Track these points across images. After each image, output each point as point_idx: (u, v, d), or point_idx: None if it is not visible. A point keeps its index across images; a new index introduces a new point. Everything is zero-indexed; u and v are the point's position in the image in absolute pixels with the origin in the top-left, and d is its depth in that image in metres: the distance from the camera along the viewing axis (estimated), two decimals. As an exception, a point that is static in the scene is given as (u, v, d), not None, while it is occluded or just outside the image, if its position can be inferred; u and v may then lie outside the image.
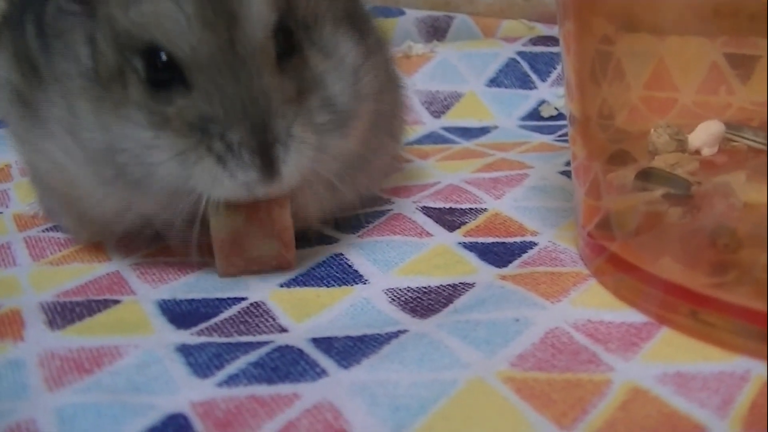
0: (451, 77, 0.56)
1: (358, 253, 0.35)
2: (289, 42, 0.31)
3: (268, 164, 0.29)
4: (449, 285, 0.31)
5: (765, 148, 0.39)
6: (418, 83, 0.55)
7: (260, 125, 0.29)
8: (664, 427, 0.23)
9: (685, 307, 0.27)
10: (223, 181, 0.29)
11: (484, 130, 0.51)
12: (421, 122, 0.53)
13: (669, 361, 0.26)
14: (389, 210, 0.39)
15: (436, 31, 0.66)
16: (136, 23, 0.30)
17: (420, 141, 0.50)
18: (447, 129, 0.52)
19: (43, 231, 0.40)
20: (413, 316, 0.29)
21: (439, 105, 0.54)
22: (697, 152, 0.39)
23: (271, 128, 0.29)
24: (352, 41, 0.34)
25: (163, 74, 0.30)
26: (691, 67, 0.51)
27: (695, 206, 0.33)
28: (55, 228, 0.40)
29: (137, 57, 0.30)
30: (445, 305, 0.30)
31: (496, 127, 0.52)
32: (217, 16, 0.29)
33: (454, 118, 0.53)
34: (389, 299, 0.31)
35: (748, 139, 0.40)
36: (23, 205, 0.44)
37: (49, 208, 0.40)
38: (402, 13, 0.67)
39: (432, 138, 0.50)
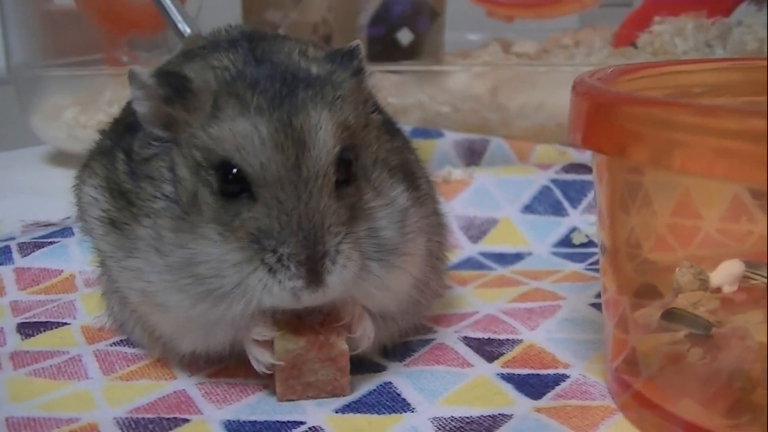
0: (487, 203, 0.59)
1: (405, 381, 0.38)
2: (348, 172, 0.36)
3: (314, 275, 0.33)
4: (489, 416, 0.35)
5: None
6: (456, 208, 0.59)
7: (311, 240, 0.33)
8: None
9: None
10: (272, 289, 0.33)
11: (518, 257, 0.55)
12: (459, 247, 0.56)
13: None
14: (433, 339, 0.42)
15: (473, 154, 0.70)
16: (214, 139, 0.34)
17: (459, 266, 0.53)
18: (484, 254, 0.55)
19: (111, 345, 0.44)
20: None
21: (476, 230, 0.58)
22: (719, 290, 0.42)
23: (321, 242, 0.33)
24: (403, 188, 0.38)
25: (233, 187, 0.34)
26: (714, 197, 0.54)
27: (715, 347, 0.36)
28: (122, 342, 0.44)
29: (212, 171, 0.34)
30: None
31: (530, 254, 0.55)
32: (288, 140, 0.34)
33: (490, 244, 0.56)
34: (435, 428, 0.34)
35: (766, 277, 0.44)
36: (90, 317, 0.47)
37: (121, 321, 0.43)
38: (441, 135, 0.71)
39: (470, 263, 0.54)
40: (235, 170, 0.34)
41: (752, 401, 0.32)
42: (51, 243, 0.57)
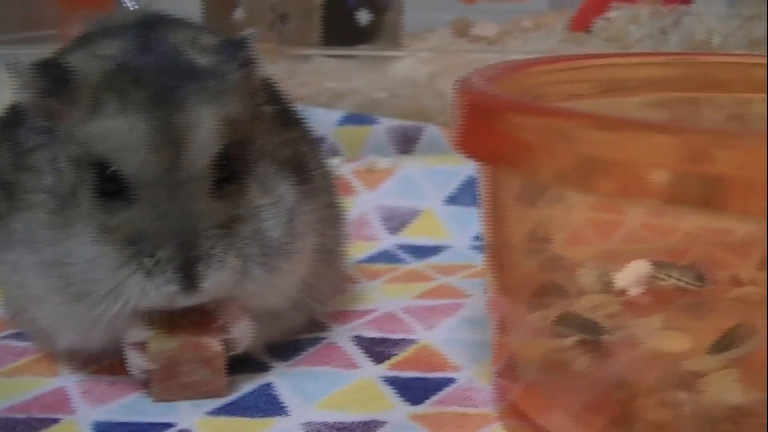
0: (412, 193, 0.58)
1: (286, 383, 0.37)
2: (230, 170, 0.34)
3: (189, 279, 0.32)
4: (362, 422, 0.34)
5: (690, 287, 0.42)
6: (379, 198, 0.58)
7: (186, 244, 0.32)
8: None
9: None
10: (149, 293, 0.33)
11: (436, 250, 0.54)
12: (377, 239, 0.55)
13: None
14: (325, 338, 0.41)
15: (407, 141, 0.68)
16: (92, 136, 0.33)
17: (373, 259, 0.52)
18: (401, 247, 0.54)
19: (2, 338, 0.43)
20: None
21: (396, 222, 0.57)
22: (624, 292, 0.41)
23: (196, 247, 0.32)
24: (292, 183, 0.37)
25: (110, 185, 0.33)
26: None
27: (604, 354, 0.35)
28: (16, 335, 0.43)
29: (90, 168, 0.33)
30: None
31: (449, 247, 0.54)
32: (165, 141, 0.33)
33: (410, 235, 0.55)
34: None
35: (675, 278, 0.43)
36: None
37: (12, 313, 0.42)
38: (375, 121, 0.70)
39: (385, 256, 0.53)
40: (111, 170, 0.33)
41: (631, 413, 0.31)
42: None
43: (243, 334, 0.36)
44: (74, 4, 1.13)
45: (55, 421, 0.35)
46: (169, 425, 0.34)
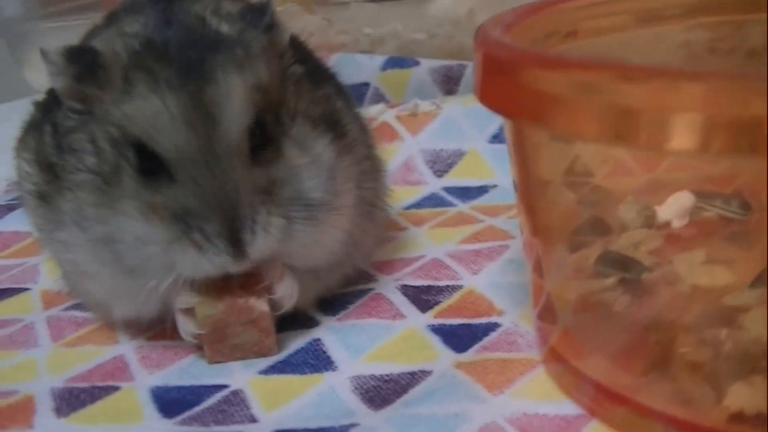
0: (455, 134, 0.58)
1: (334, 337, 0.38)
2: (265, 135, 0.35)
3: (238, 248, 0.33)
4: (408, 373, 0.34)
5: (735, 216, 0.41)
6: (423, 142, 0.58)
7: (231, 214, 0.33)
8: None
9: (611, 405, 0.30)
10: (202, 265, 0.34)
11: (483, 190, 0.54)
12: (424, 182, 0.55)
13: None
14: (371, 289, 0.42)
15: (450, 80, 0.68)
16: (125, 118, 0.34)
17: (420, 204, 0.53)
18: (448, 189, 0.54)
19: (64, 310, 0.44)
20: (369, 407, 0.33)
21: (442, 164, 0.57)
22: (668, 225, 0.41)
23: (240, 216, 0.33)
24: (328, 139, 0.37)
25: (150, 164, 0.34)
26: None
27: (644, 293, 0.35)
28: (75, 306, 0.44)
29: (130, 148, 0.34)
30: (400, 395, 0.33)
31: (495, 186, 0.54)
32: (199, 117, 0.33)
33: (456, 177, 0.55)
34: (353, 388, 0.34)
35: (719, 208, 0.42)
36: (50, 280, 0.48)
37: (70, 287, 0.44)
38: (417, 63, 0.69)
39: (432, 200, 0.53)
40: (149, 150, 0.34)
41: (670, 355, 0.31)
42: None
43: (288, 293, 0.37)
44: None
45: (116, 388, 0.37)
46: (223, 386, 0.35)
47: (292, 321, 0.39)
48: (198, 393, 0.35)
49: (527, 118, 0.28)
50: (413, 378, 0.34)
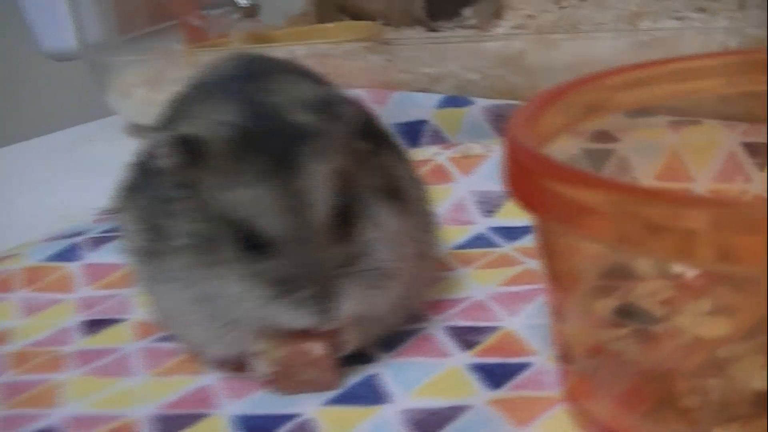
0: (504, 176, 0.64)
1: (389, 372, 0.44)
2: (345, 216, 0.42)
3: (325, 312, 0.40)
4: (450, 407, 0.40)
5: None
6: (473, 183, 0.64)
7: (320, 284, 0.40)
8: None
9: None
10: (297, 323, 0.41)
11: (525, 230, 0.59)
12: (472, 222, 0.61)
13: None
14: (423, 329, 0.48)
15: (501, 119, 0.74)
16: (229, 201, 0.41)
17: (468, 244, 0.58)
18: (494, 229, 0.60)
19: (155, 341, 0.51)
20: None
21: (490, 204, 0.62)
22: (681, 275, 0.46)
23: (327, 286, 0.40)
24: (391, 209, 0.44)
25: (250, 241, 0.41)
26: (707, 156, 0.58)
27: (654, 342, 0.40)
28: (165, 338, 0.51)
29: (233, 227, 0.41)
30: (442, 427, 0.39)
31: (538, 227, 0.60)
32: (292, 203, 0.40)
33: (502, 217, 0.61)
34: (402, 420, 0.40)
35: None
36: (142, 312, 0.55)
37: (163, 323, 0.51)
38: (471, 102, 0.75)
39: (479, 241, 0.59)
40: (249, 230, 0.41)
41: (667, 400, 0.36)
42: (116, 237, 0.64)
43: (350, 338, 0.43)
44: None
45: (205, 415, 0.43)
46: (296, 415, 0.42)
47: (354, 357, 0.45)
48: (275, 420, 0.42)
49: (552, 220, 0.34)
50: (454, 412, 0.40)
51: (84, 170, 0.97)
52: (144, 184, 0.46)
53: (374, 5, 1.07)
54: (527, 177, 0.34)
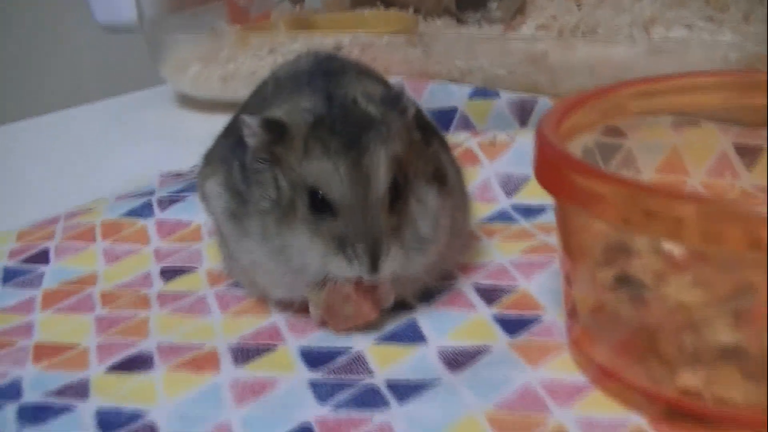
0: (525, 162, 0.72)
1: (426, 320, 0.53)
2: (397, 191, 0.51)
3: (374, 265, 0.50)
4: (476, 347, 0.50)
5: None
6: (499, 167, 0.72)
7: (373, 243, 0.49)
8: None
9: (608, 380, 0.45)
10: (347, 272, 0.50)
11: (541, 210, 0.68)
12: (496, 201, 0.70)
13: (587, 412, 0.44)
14: (454, 286, 0.57)
15: (524, 112, 0.83)
16: (304, 172, 0.50)
17: (492, 219, 0.67)
18: (515, 207, 0.69)
19: (227, 287, 0.61)
20: (448, 370, 0.48)
21: (512, 185, 0.71)
22: (670, 252, 0.55)
23: (379, 245, 0.49)
24: (436, 191, 0.54)
25: (320, 204, 0.50)
26: (703, 154, 0.66)
27: (644, 305, 0.49)
28: (233, 285, 0.61)
29: (305, 192, 0.50)
30: (469, 363, 0.48)
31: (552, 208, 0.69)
32: (357, 177, 0.49)
33: (522, 197, 0.70)
34: (438, 356, 0.50)
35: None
36: (212, 263, 0.64)
37: (232, 272, 0.60)
38: (498, 95, 0.84)
39: (501, 216, 0.67)
40: (320, 195, 0.50)
41: (652, 350, 0.44)
42: (183, 198, 0.74)
43: (390, 292, 0.53)
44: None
45: (274, 346, 0.53)
46: (349, 349, 0.51)
47: (398, 306, 0.54)
48: (332, 353, 0.51)
49: (570, 204, 0.44)
50: (479, 351, 0.50)
51: (138, 137, 1.07)
52: (230, 156, 0.56)
53: (407, -7, 1.16)
54: (552, 169, 0.44)
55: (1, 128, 1.15)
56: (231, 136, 0.57)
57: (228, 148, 0.57)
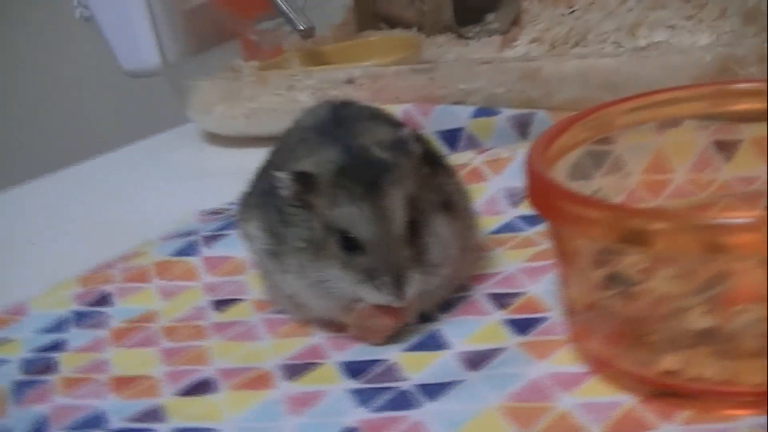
0: (527, 174, 0.81)
1: (447, 328, 0.61)
2: (413, 226, 0.59)
3: (400, 293, 0.57)
4: (491, 349, 0.57)
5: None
6: (503, 181, 0.79)
7: (397, 274, 0.57)
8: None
9: (603, 368, 0.53)
10: (378, 299, 0.58)
11: (542, 219, 0.76)
12: (502, 213, 0.77)
13: (587, 397, 0.51)
14: (469, 295, 0.64)
15: (522, 126, 0.89)
16: (334, 216, 0.58)
17: (500, 230, 0.73)
18: (520, 217, 0.75)
19: (272, 313, 0.68)
20: (467, 370, 0.56)
21: (517, 197, 0.78)
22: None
23: (403, 275, 0.57)
24: (447, 220, 0.61)
25: (349, 244, 0.58)
26: (687, 151, 0.73)
27: (632, 299, 0.54)
28: (277, 311, 0.68)
29: (336, 234, 0.59)
30: (485, 362, 0.56)
31: (554, 215, 0.77)
32: (379, 218, 0.57)
33: (525, 208, 0.76)
34: (459, 359, 0.57)
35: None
36: (256, 292, 0.72)
37: (276, 300, 0.68)
38: (499, 112, 0.91)
39: (508, 227, 0.73)
40: (350, 236, 0.58)
41: (638, 339, 0.47)
42: (225, 236, 0.82)
43: (413, 311, 0.61)
44: (250, 12, 1.38)
45: (318, 362, 0.60)
46: (384, 360, 0.59)
47: (422, 319, 0.62)
48: (369, 364, 0.58)
49: (560, 226, 0.52)
50: (493, 352, 0.57)
51: (171, 175, 1.12)
52: (266, 201, 0.64)
53: (408, 14, 1.23)
54: (542, 196, 0.52)
55: (45, 179, 1.20)
56: (264, 179, 0.66)
57: (263, 193, 0.65)
